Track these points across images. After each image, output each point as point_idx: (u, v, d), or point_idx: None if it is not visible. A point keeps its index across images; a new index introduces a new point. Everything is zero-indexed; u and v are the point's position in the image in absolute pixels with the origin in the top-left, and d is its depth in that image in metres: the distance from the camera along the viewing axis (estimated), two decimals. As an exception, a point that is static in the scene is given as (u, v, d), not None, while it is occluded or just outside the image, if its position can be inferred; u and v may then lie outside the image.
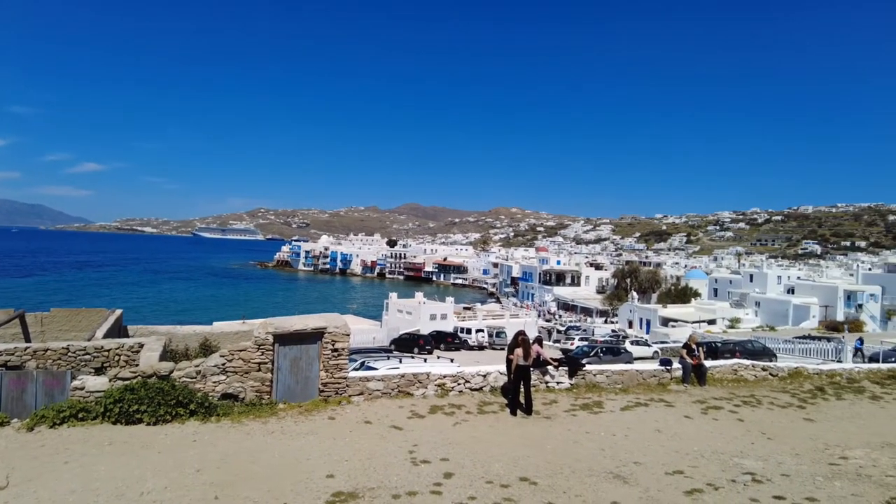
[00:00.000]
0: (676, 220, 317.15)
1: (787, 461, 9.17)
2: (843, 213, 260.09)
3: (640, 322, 64.88)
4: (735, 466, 8.80)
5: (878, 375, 16.62)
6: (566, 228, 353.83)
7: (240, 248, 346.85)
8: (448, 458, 8.63)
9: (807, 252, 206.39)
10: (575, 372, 13.71)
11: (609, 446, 9.60)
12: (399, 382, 12.16)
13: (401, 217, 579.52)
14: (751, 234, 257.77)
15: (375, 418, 10.60)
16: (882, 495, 7.66)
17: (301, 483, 7.60)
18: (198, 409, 10.14)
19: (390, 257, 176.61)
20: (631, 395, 13.38)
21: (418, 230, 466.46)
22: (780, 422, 11.81)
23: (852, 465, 9.06)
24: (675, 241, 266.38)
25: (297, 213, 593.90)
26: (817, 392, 14.58)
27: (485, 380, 12.89)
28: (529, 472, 8.20)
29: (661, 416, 11.70)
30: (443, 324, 52.75)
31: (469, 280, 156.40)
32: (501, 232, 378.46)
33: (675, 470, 8.51)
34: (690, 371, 14.57)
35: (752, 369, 15.86)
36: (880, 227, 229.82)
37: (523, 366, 11.50)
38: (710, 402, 13.04)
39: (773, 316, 62.53)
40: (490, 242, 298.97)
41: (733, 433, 10.76)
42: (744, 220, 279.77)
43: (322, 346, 11.43)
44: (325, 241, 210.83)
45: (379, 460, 8.48)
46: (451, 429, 10.26)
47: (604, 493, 7.52)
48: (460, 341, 44.83)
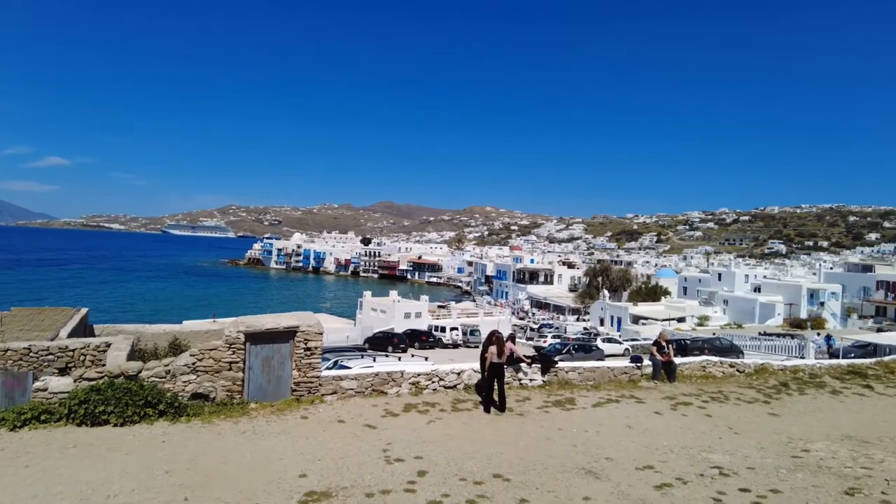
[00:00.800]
0: (647, 219, 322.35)
1: (752, 455, 9.40)
2: (806, 213, 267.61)
3: (611, 320, 65.83)
4: (703, 461, 8.99)
5: (838, 371, 17.16)
6: (540, 227, 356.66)
7: (210, 245, 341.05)
8: (422, 456, 8.64)
9: (773, 251, 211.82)
10: (548, 369, 13.84)
11: (581, 442, 9.72)
12: (373, 381, 12.12)
13: (375, 215, 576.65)
14: (719, 233, 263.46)
15: (349, 417, 10.54)
16: (840, 485, 7.91)
17: (273, 483, 7.52)
18: (167, 409, 9.95)
19: (364, 255, 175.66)
20: (602, 391, 13.57)
21: (393, 228, 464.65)
22: (746, 417, 12.11)
23: (813, 457, 9.34)
24: (646, 240, 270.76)
25: (270, 211, 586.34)
26: (781, 387, 14.99)
27: (459, 377, 12.92)
28: (503, 468, 8.26)
29: (631, 413, 11.89)
30: (417, 322, 52.70)
31: (444, 278, 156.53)
32: (476, 230, 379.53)
33: (645, 465, 8.66)
34: (660, 368, 14.83)
35: (719, 366, 16.22)
36: (841, 227, 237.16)
37: (497, 363, 11.57)
38: (680, 398, 13.30)
39: (741, 314, 64.09)
40: (465, 241, 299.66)
41: (701, 428, 11.00)
42: (713, 220, 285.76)
43: (294, 345, 11.32)
44: (297, 238, 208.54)
45: (352, 459, 8.44)
46: (425, 427, 10.26)
47: (576, 488, 7.61)
48: (435, 339, 44.85)
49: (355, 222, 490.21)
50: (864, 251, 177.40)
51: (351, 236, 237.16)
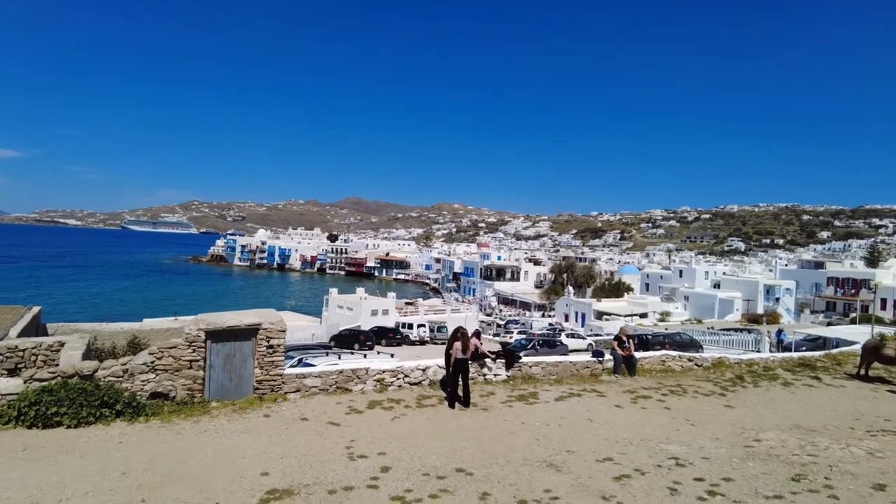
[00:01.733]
0: (611, 217, 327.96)
1: (707, 445, 9.71)
2: (764, 212, 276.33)
3: (575, 315, 66.83)
4: (661, 452, 9.25)
5: (790, 363, 17.84)
6: (507, 225, 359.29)
7: (172, 241, 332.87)
8: (385, 452, 8.65)
9: (732, 249, 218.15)
10: (512, 364, 14.00)
11: (543, 436, 9.88)
12: (337, 378, 12.06)
13: (342, 211, 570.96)
14: (681, 231, 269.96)
15: (312, 415, 10.48)
16: (788, 472, 8.25)
17: (234, 482, 7.44)
18: (124, 409, 9.71)
19: (331, 252, 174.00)
20: (565, 385, 13.81)
21: (360, 225, 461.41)
22: (703, 409, 12.48)
23: (764, 446, 9.70)
24: (610, 237, 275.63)
25: (233, 206, 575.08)
26: (737, 380, 15.49)
27: (424, 374, 12.97)
28: (465, 463, 8.34)
29: (593, 406, 12.14)
30: (384, 319, 52.54)
31: (411, 275, 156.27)
32: (444, 228, 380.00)
33: (605, 457, 8.86)
34: (621, 362, 15.16)
35: (679, 360, 16.68)
36: (796, 226, 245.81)
37: (462, 359, 11.66)
38: (640, 391, 13.63)
39: (701, 309, 65.87)
40: (433, 238, 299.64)
41: (660, 421, 11.30)
42: (675, 218, 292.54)
43: (257, 343, 11.18)
44: (262, 235, 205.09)
45: (315, 456, 8.41)
46: (390, 423, 10.28)
47: (537, 481, 7.74)
48: (402, 336, 44.80)
49: (322, 218, 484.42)
50: (817, 249, 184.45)
51: (317, 233, 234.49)
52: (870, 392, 15.05)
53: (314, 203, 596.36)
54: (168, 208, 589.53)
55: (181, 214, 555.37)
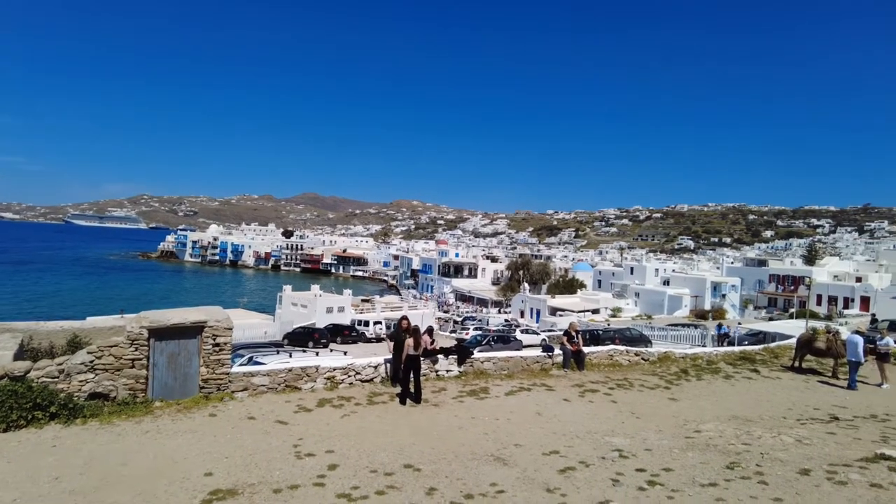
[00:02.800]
0: (566, 215, 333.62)
1: (650, 437, 10.02)
2: (712, 211, 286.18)
3: (530, 312, 67.75)
4: (605, 444, 9.49)
5: (731, 357, 18.57)
6: (465, 222, 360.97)
7: (119, 237, 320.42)
8: (333, 450, 8.60)
9: (682, 247, 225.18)
10: (464, 360, 14.11)
11: (492, 430, 10.00)
12: (286, 377, 11.90)
13: (298, 207, 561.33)
14: (633, 229, 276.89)
15: (260, 414, 10.31)
16: (724, 461, 8.61)
17: (176, 483, 7.26)
18: (60, 411, 9.33)
19: (286, 248, 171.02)
20: (516, 380, 14.00)
21: (317, 221, 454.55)
22: (648, 402, 12.88)
23: (704, 437, 10.09)
24: (565, 235, 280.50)
25: (184, 201, 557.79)
26: (681, 374, 16.04)
27: (376, 371, 12.93)
28: (414, 459, 8.37)
29: (542, 400, 12.36)
30: (340, 317, 52.01)
31: (369, 272, 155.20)
32: (403, 224, 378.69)
33: (551, 450, 9.04)
34: (570, 357, 15.48)
35: (626, 354, 17.14)
36: (742, 225, 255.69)
37: (413, 355, 11.68)
38: (588, 385, 13.95)
39: (651, 305, 67.80)
40: (391, 235, 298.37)
41: (606, 414, 11.60)
42: (627, 217, 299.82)
43: (202, 341, 10.91)
44: (214, 230, 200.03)
45: (261, 456, 8.28)
46: (339, 421, 10.21)
47: (484, 475, 7.84)
48: (357, 334, 44.48)
49: (277, 214, 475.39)
50: (761, 247, 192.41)
51: (272, 228, 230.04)
52: (802, 383, 15.84)
53: (269, 198, 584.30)
54: (116, 202, 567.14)
55: (130, 209, 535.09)
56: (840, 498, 7.13)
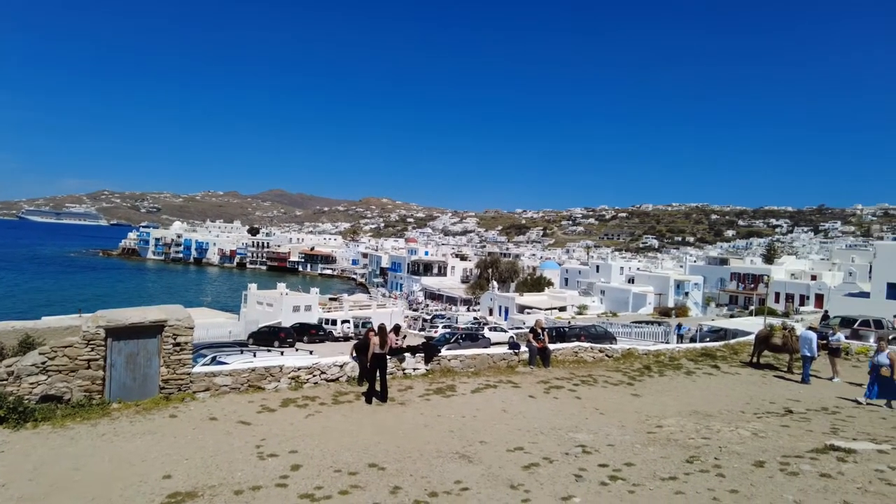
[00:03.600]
0: (535, 214, 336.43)
1: (613, 433, 10.19)
2: (676, 211, 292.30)
3: (499, 309, 68.18)
4: (569, 440, 9.61)
5: (693, 353, 19.01)
6: (435, 220, 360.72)
7: (79, 233, 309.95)
8: (297, 451, 8.49)
9: (646, 246, 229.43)
10: (431, 358, 14.11)
11: (458, 428, 10.02)
12: (249, 377, 11.71)
13: (265, 203, 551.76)
14: (599, 228, 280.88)
15: (222, 414, 10.12)
16: (684, 455, 8.81)
17: (133, 487, 7.07)
18: (8, 415, 8.98)
19: (252, 246, 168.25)
20: (482, 377, 14.06)
21: (284, 218, 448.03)
22: (611, 398, 13.09)
23: (665, 431, 10.30)
24: (533, 234, 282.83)
25: (147, 197, 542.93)
26: (644, 370, 16.35)
27: (341, 370, 12.82)
28: (379, 458, 8.33)
29: (507, 397, 12.44)
30: (307, 315, 51.42)
31: (338, 270, 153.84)
32: (372, 222, 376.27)
33: (516, 447, 9.10)
34: (536, 354, 15.63)
35: (590, 351, 17.39)
36: (705, 224, 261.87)
37: (379, 354, 11.61)
38: (553, 381, 14.10)
39: (616, 303, 68.93)
40: (360, 232, 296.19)
41: (571, 410, 11.74)
42: (594, 216, 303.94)
43: (162, 340, 10.65)
44: (177, 227, 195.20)
45: (223, 457, 8.13)
46: (303, 421, 10.09)
47: (449, 473, 7.85)
48: (325, 333, 44.06)
49: (242, 211, 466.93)
50: (723, 246, 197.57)
51: (237, 226, 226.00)
52: (759, 378, 16.33)
53: (234, 195, 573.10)
54: (75, 198, 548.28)
55: (89, 205, 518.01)
56: (791, 488, 7.36)
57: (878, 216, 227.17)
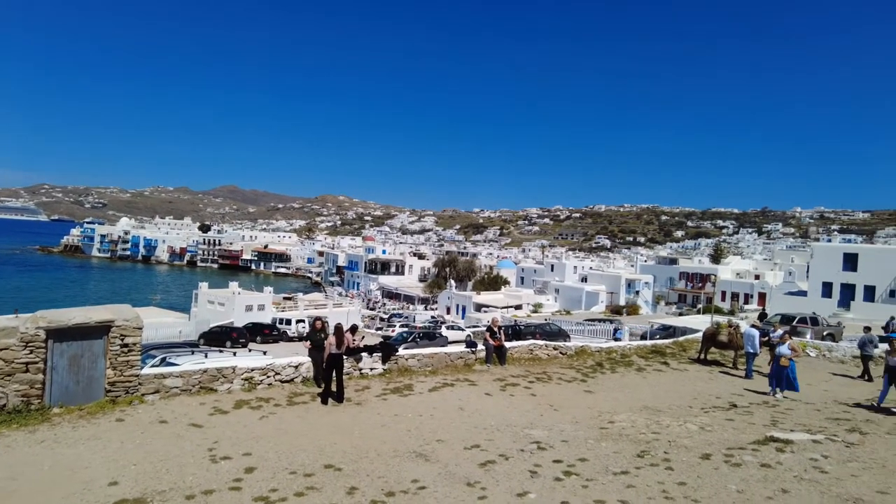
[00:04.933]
0: (492, 214, 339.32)
1: (567, 429, 10.40)
2: (627, 212, 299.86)
3: (456, 308, 68.51)
4: (525, 437, 9.76)
5: (644, 351, 19.57)
6: (393, 219, 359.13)
7: (15, 229, 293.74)
8: (251, 453, 8.34)
9: (599, 245, 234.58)
10: (388, 357, 14.07)
11: (415, 427, 10.04)
12: (201, 378, 11.40)
13: (217, 200, 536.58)
14: (554, 228, 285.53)
15: (172, 417, 9.83)
16: (635, 450, 9.07)
17: (76, 495, 6.80)
18: (-62, 421, 8.48)
19: (203, 244, 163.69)
20: (439, 376, 14.12)
21: (237, 215, 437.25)
22: (565, 394, 13.35)
23: (617, 427, 10.58)
24: (491, 233, 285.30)
25: (92, 192, 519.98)
26: (597, 367, 16.73)
27: (296, 371, 12.64)
28: (335, 458, 8.26)
29: (465, 395, 12.53)
30: (260, 315, 50.42)
31: (292, 269, 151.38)
32: (328, 220, 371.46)
33: (472, 444, 9.18)
34: (492, 352, 15.79)
35: (545, 349, 17.68)
36: (655, 225, 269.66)
37: (335, 354, 11.51)
38: (509, 379, 14.28)
39: (570, 301, 70.26)
40: (316, 230, 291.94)
41: (526, 407, 11.92)
42: (549, 217, 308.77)
43: (109, 342, 10.25)
44: (125, 223, 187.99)
45: (173, 461, 7.90)
46: (257, 423, 9.91)
47: (406, 472, 7.86)
48: (279, 333, 43.31)
49: (193, 207, 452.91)
50: (672, 246, 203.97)
51: (188, 222, 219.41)
52: (706, 374, 16.97)
53: (185, 190, 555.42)
54: (11, 191, 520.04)
55: (27, 199, 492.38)
56: (735, 478, 7.70)
57: (815, 219, 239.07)
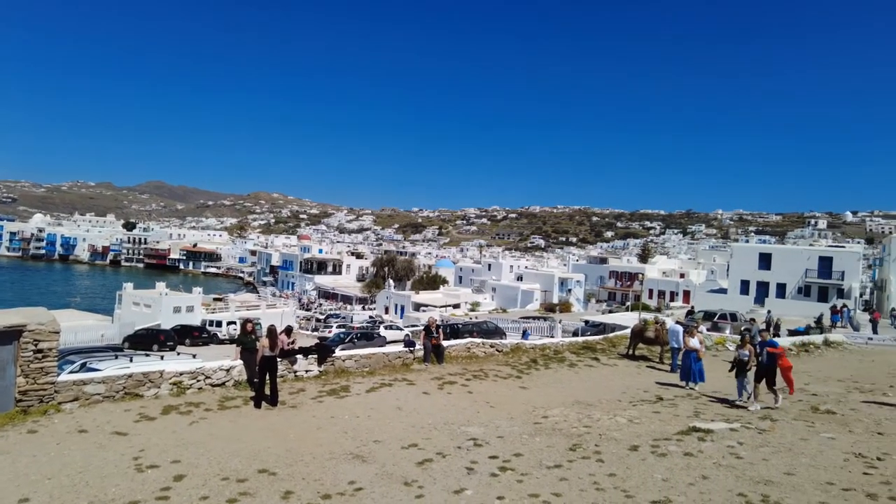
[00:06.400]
0: (431, 213, 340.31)
1: (503, 425, 10.59)
2: (561, 213, 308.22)
3: (395, 308, 68.31)
4: (462, 434, 9.87)
5: (575, 347, 20.19)
6: (330, 217, 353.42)
7: None
8: (180, 460, 8.02)
9: (534, 245, 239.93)
10: (324, 359, 13.88)
11: (352, 428, 9.95)
12: (126, 383, 10.86)
13: (143, 196, 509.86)
14: (491, 228, 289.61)
15: (93, 426, 9.31)
16: (567, 443, 9.37)
17: (-19, 514, 6.33)
18: None
19: (128, 242, 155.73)
20: (377, 376, 14.05)
21: (164, 212, 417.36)
22: (501, 391, 13.60)
23: (550, 422, 10.88)
24: (429, 233, 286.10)
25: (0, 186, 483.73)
26: (532, 363, 17.14)
27: (228, 374, 12.26)
28: (269, 463, 8.07)
29: (402, 395, 12.53)
30: (189, 317, 48.47)
31: (223, 269, 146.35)
32: (261, 218, 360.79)
33: (410, 443, 9.20)
34: (430, 351, 15.88)
35: (482, 347, 17.95)
36: (587, 226, 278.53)
37: (269, 356, 11.23)
38: (447, 377, 14.39)
39: (506, 300, 71.52)
40: (248, 228, 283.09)
41: (463, 405, 12.05)
42: (486, 217, 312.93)
43: (20, 347, 9.59)
44: (39, 220, 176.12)
45: (94, 472, 7.49)
46: (187, 428, 9.54)
47: (342, 474, 7.78)
48: (209, 335, 41.80)
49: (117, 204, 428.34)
50: (603, 246, 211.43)
51: (111, 219, 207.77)
52: (635, 368, 17.72)
53: (108, 186, 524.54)
54: None
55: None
56: (661, 468, 8.09)
57: (734, 221, 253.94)
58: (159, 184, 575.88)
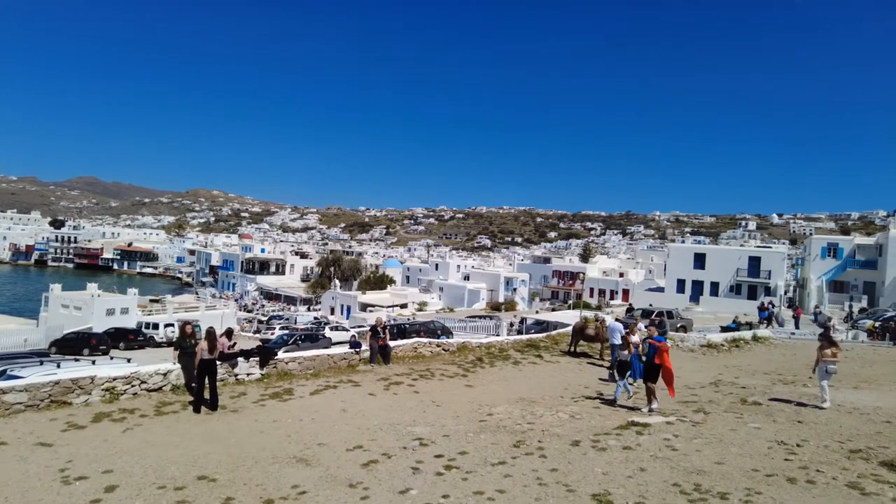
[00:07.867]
0: (378, 213, 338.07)
1: (448, 424, 10.66)
2: (506, 213, 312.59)
3: (341, 308, 67.50)
4: (407, 434, 9.87)
5: (520, 345, 20.53)
6: (273, 216, 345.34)
7: None
8: (112, 470, 7.68)
9: (481, 245, 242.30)
10: (267, 361, 13.58)
11: (295, 432, 9.79)
12: (52, 391, 10.29)
13: (72, 193, 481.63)
14: (439, 228, 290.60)
15: (14, 437, 8.78)
16: (511, 440, 9.53)
17: None
18: None
19: (55, 241, 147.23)
20: (322, 378, 13.86)
21: (96, 210, 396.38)
22: (447, 390, 13.68)
23: (495, 419, 11.04)
24: (377, 232, 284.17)
25: None
26: (477, 362, 17.31)
27: (165, 378, 11.81)
28: (209, 469, 7.84)
29: (348, 396, 12.41)
30: (124, 319, 46.27)
31: (160, 269, 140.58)
32: (201, 216, 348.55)
33: (355, 445, 9.13)
34: (377, 351, 15.79)
35: (429, 346, 18.00)
36: (531, 226, 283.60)
37: (208, 359, 10.89)
38: (393, 378, 14.35)
39: (454, 299, 71.93)
40: (187, 227, 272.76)
41: (409, 404, 12.06)
42: (433, 217, 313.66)
43: (-67, 354, 8.93)
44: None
45: (14, 488, 7.06)
46: (120, 436, 9.14)
47: (285, 478, 7.64)
48: (144, 338, 40.05)
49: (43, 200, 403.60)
50: (546, 246, 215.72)
51: (36, 217, 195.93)
52: (577, 365, 18.19)
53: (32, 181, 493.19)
54: None
55: None
56: (601, 462, 8.35)
57: (671, 222, 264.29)
58: (91, 179, 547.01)
